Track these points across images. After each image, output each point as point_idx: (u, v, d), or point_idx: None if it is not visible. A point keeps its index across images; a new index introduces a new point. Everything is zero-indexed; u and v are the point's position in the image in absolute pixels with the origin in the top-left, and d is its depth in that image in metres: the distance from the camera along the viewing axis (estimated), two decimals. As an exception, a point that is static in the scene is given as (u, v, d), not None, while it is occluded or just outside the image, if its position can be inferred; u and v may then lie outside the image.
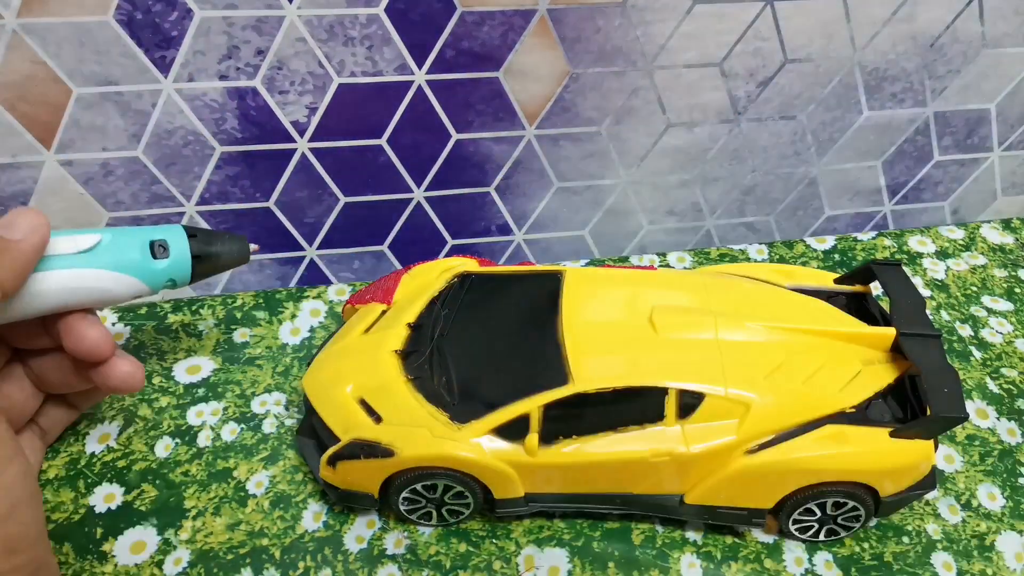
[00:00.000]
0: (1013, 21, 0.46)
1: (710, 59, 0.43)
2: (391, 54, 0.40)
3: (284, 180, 0.44)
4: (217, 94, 0.39)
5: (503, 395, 0.35)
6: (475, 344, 0.38)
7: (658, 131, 0.46)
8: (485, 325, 0.39)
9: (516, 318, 0.39)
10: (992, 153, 0.53)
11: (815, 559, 0.38)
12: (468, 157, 0.45)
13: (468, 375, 0.37)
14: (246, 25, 0.37)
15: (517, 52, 0.41)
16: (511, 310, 0.39)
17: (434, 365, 0.38)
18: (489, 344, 0.38)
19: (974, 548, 0.38)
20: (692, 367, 0.35)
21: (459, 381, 0.37)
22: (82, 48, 0.36)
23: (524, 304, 0.39)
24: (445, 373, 0.37)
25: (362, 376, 0.38)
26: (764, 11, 0.42)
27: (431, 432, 0.35)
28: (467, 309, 0.40)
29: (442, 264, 0.43)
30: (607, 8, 0.40)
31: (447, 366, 0.37)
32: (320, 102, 0.41)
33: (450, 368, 0.37)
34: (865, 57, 0.45)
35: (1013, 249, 0.55)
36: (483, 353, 0.38)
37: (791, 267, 0.43)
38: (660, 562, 0.37)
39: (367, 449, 0.35)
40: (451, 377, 0.37)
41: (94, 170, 0.41)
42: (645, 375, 0.35)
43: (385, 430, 0.35)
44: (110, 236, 0.33)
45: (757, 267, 0.44)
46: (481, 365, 0.37)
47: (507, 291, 0.41)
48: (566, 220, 0.50)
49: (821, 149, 0.50)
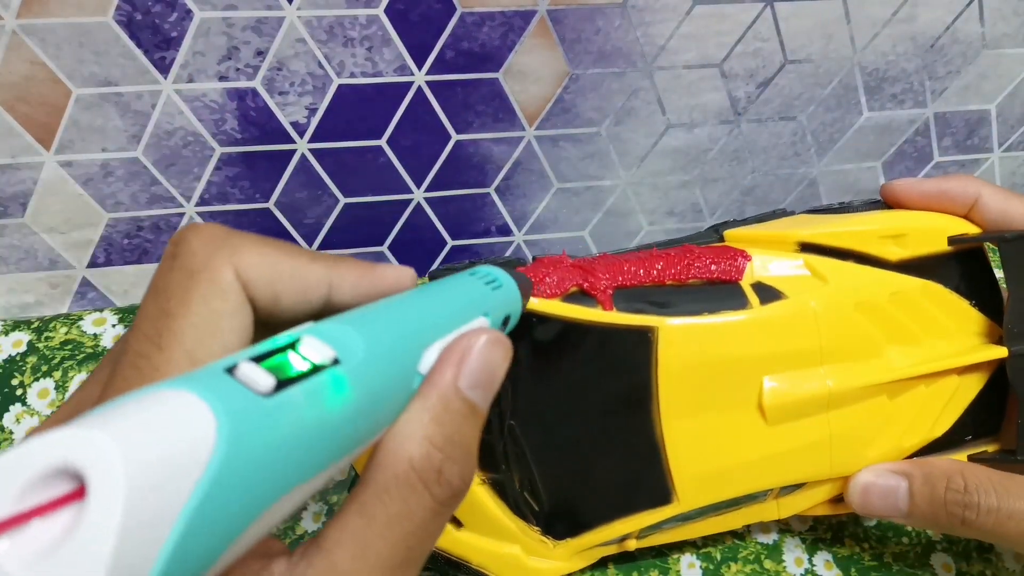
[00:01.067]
0: (1013, 22, 0.46)
1: (710, 60, 0.43)
2: (391, 55, 0.40)
3: (284, 181, 0.44)
4: (217, 95, 0.39)
5: (600, 508, 0.32)
6: (554, 430, 0.32)
7: (658, 132, 0.46)
8: (563, 400, 0.32)
9: (601, 394, 0.32)
10: (992, 154, 0.53)
11: (815, 559, 0.38)
12: (468, 158, 0.45)
13: (553, 474, 0.32)
14: (246, 26, 0.37)
15: (517, 53, 0.41)
16: (594, 381, 0.32)
17: (510, 459, 0.32)
18: (571, 430, 0.32)
19: (973, 549, 0.38)
20: (801, 461, 0.32)
21: (544, 483, 0.32)
22: (81, 49, 0.36)
23: (608, 373, 0.32)
24: (526, 472, 0.32)
25: None
26: (764, 12, 0.42)
27: (524, 550, 0.32)
28: (537, 375, 0.32)
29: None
30: (607, 9, 0.40)
31: (526, 461, 0.32)
32: (320, 103, 0.41)
33: (530, 464, 0.32)
34: (865, 58, 0.45)
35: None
36: (566, 444, 0.32)
37: (899, 221, 0.35)
38: (660, 562, 0.37)
39: (455, 564, 0.32)
40: (533, 477, 0.32)
41: (94, 171, 0.41)
42: (754, 483, 0.32)
43: (471, 544, 0.32)
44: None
45: (861, 231, 0.34)
46: (566, 461, 0.32)
47: (585, 349, 0.32)
48: (566, 221, 0.50)
49: (821, 150, 0.50)
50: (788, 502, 0.34)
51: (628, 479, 0.32)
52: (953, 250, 0.35)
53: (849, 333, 0.33)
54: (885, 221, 0.35)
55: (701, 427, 0.32)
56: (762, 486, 0.32)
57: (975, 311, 0.35)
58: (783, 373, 0.32)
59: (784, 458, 0.32)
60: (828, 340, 0.32)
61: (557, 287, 0.32)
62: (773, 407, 0.32)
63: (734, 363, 0.32)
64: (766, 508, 0.34)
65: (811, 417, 0.32)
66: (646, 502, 0.32)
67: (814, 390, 0.32)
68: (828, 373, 0.32)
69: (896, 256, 0.34)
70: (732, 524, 0.34)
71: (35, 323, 0.44)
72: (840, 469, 0.33)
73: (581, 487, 0.32)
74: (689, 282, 0.34)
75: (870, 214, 0.35)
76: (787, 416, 0.32)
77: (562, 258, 0.34)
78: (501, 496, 0.32)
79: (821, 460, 0.32)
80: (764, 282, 0.34)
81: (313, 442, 0.15)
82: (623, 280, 0.33)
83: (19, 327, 0.46)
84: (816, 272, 0.34)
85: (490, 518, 0.32)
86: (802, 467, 0.32)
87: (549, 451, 0.32)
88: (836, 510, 0.35)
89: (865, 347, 0.33)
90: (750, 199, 0.52)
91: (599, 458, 0.32)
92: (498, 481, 0.32)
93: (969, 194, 0.35)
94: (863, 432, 0.33)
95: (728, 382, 0.32)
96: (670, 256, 0.34)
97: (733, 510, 0.33)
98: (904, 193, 0.36)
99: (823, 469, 0.32)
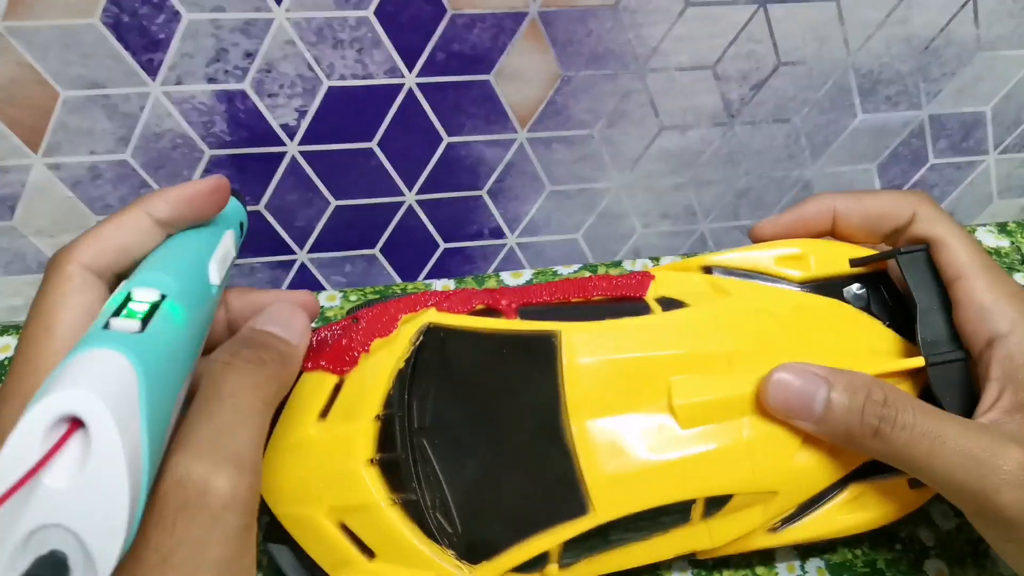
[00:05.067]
0: (1008, 24, 0.45)
1: (703, 62, 0.43)
2: (381, 57, 0.39)
3: (274, 184, 0.44)
4: (206, 97, 0.39)
5: (515, 526, 0.31)
6: (465, 445, 0.32)
7: (651, 134, 0.46)
8: (471, 414, 0.32)
9: (509, 404, 0.32)
10: (988, 156, 0.53)
11: (807, 566, 0.37)
12: (460, 160, 0.45)
13: (465, 493, 0.31)
14: (234, 28, 0.37)
15: (508, 55, 0.40)
16: (500, 390, 0.32)
17: (421, 479, 0.31)
18: (482, 444, 0.32)
19: (967, 555, 0.38)
20: (720, 467, 0.31)
21: (456, 503, 0.31)
22: (68, 51, 0.36)
23: (516, 381, 0.32)
24: (438, 491, 0.31)
25: (334, 492, 0.31)
26: (757, 14, 0.41)
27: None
28: (444, 388, 0.32)
29: (400, 306, 0.34)
30: (599, 11, 0.40)
31: (437, 480, 0.31)
32: (310, 105, 0.41)
33: (442, 483, 0.31)
34: (859, 60, 0.45)
35: (1008, 252, 0.55)
36: (476, 459, 0.31)
37: (798, 249, 0.36)
38: (651, 570, 0.37)
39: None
40: (445, 497, 0.31)
41: (82, 173, 0.41)
42: (673, 491, 0.31)
43: (381, 574, 0.30)
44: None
45: (758, 253, 0.36)
46: (478, 477, 0.31)
47: (491, 359, 0.33)
48: (559, 223, 0.50)
49: (815, 152, 0.49)
50: (718, 526, 0.32)
51: (542, 491, 0.31)
52: (859, 273, 0.36)
53: (756, 339, 0.33)
54: (783, 245, 0.36)
55: (613, 431, 0.31)
56: (682, 494, 0.31)
57: (890, 331, 0.35)
58: (692, 375, 0.32)
59: (702, 463, 0.31)
60: (735, 344, 0.32)
61: (463, 305, 0.34)
62: (683, 407, 0.31)
63: (640, 364, 0.32)
64: (696, 533, 0.32)
65: (726, 421, 0.32)
66: (562, 514, 0.30)
67: (725, 392, 0.32)
68: (740, 378, 0.32)
69: (798, 277, 0.35)
70: (662, 554, 0.32)
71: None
72: (764, 482, 0.32)
73: (495, 505, 0.31)
74: (594, 298, 0.35)
75: (772, 242, 0.37)
76: (700, 418, 0.31)
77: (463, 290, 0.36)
78: (415, 519, 0.31)
79: (742, 469, 0.31)
80: (668, 296, 0.35)
81: (179, 346, 0.23)
82: (528, 299, 0.35)
83: (7, 331, 0.46)
84: (719, 288, 0.35)
85: (401, 544, 0.30)
86: (722, 475, 0.31)
87: (461, 468, 0.31)
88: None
89: (775, 352, 0.32)
90: (744, 201, 0.51)
91: (512, 472, 0.31)
92: (411, 502, 0.31)
93: (824, 208, 0.37)
94: (786, 443, 0.32)
95: (636, 384, 0.32)
96: (575, 280, 0.36)
97: (660, 534, 0.32)
98: (770, 230, 0.38)
99: (745, 479, 0.31)
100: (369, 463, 0.31)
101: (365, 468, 0.31)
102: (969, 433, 0.29)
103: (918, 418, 0.30)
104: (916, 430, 0.29)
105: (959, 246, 0.33)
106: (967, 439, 0.29)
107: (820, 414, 0.31)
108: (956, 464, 0.29)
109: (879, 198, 0.36)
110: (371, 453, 0.31)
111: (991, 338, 0.32)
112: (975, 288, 0.32)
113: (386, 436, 0.31)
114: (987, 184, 0.55)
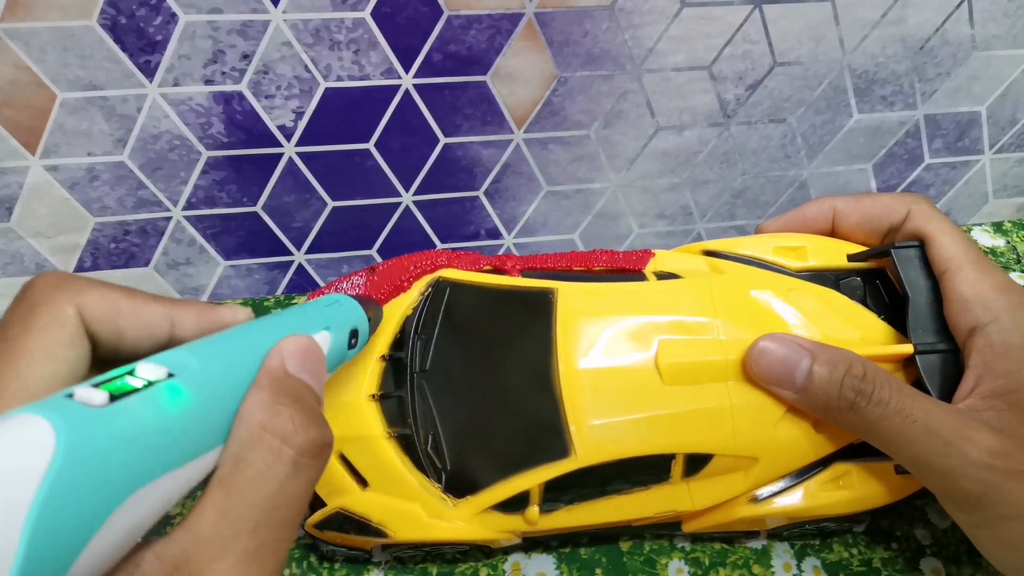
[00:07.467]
0: (1003, 23, 0.45)
1: (699, 62, 0.43)
2: (377, 58, 0.39)
3: (271, 185, 0.44)
4: (203, 98, 0.39)
5: (499, 464, 0.32)
6: (461, 388, 0.34)
7: (647, 134, 0.46)
8: (469, 360, 0.34)
9: (505, 353, 0.34)
10: (983, 156, 0.53)
11: (803, 565, 0.37)
12: (456, 161, 0.45)
13: (457, 432, 0.33)
14: (231, 29, 0.37)
15: (504, 56, 0.41)
16: (498, 340, 0.34)
17: (417, 416, 0.33)
18: (477, 388, 0.34)
19: (963, 553, 0.38)
20: (701, 426, 0.32)
21: (448, 441, 0.33)
22: (66, 53, 0.36)
23: (512, 332, 0.34)
24: (431, 428, 0.33)
25: (337, 423, 0.31)
26: (753, 14, 0.41)
27: (424, 509, 0.32)
28: (446, 336, 0.35)
29: (414, 260, 0.37)
30: (595, 11, 0.40)
31: (432, 418, 0.33)
32: (307, 106, 0.41)
33: (436, 421, 0.33)
34: (854, 60, 0.45)
35: (1004, 252, 0.55)
36: (471, 402, 0.33)
37: (798, 242, 0.38)
38: (648, 568, 0.37)
39: (357, 526, 0.33)
40: (438, 435, 0.33)
41: (79, 175, 0.41)
42: (653, 442, 0.32)
43: (374, 502, 0.32)
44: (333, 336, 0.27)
45: (764, 242, 0.38)
46: (470, 418, 0.33)
47: (491, 311, 0.35)
48: (556, 224, 0.50)
49: (811, 152, 0.49)
50: (699, 489, 0.33)
51: (528, 434, 0.32)
52: (857, 268, 0.37)
53: (746, 313, 0.34)
54: (784, 237, 0.38)
55: (599, 382, 0.32)
56: (662, 447, 0.32)
57: (883, 323, 0.35)
58: (679, 337, 0.33)
59: (684, 420, 0.32)
60: (725, 315, 0.34)
61: (472, 264, 0.37)
62: (667, 366, 0.32)
63: (630, 323, 0.33)
64: (677, 492, 0.33)
65: (710, 384, 0.32)
66: (544, 456, 0.32)
67: (711, 356, 0.33)
68: (727, 345, 0.33)
69: (796, 267, 0.37)
70: (643, 510, 0.33)
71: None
72: (745, 447, 0.32)
73: (483, 444, 0.33)
74: (595, 269, 0.37)
75: (774, 234, 0.39)
76: (684, 378, 0.32)
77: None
78: (408, 453, 0.33)
79: (723, 430, 0.32)
80: (666, 271, 0.37)
81: (156, 440, 0.17)
82: (532, 264, 0.37)
83: (6, 332, 0.46)
84: (716, 268, 0.37)
85: (393, 474, 0.32)
86: (703, 434, 0.32)
87: (454, 409, 0.33)
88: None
89: (764, 327, 0.33)
90: (740, 201, 0.51)
91: (502, 415, 0.33)
92: (405, 436, 0.33)
93: (825, 208, 0.38)
94: (768, 411, 0.32)
95: (625, 340, 0.33)
96: (579, 252, 0.38)
97: (640, 490, 0.33)
98: (772, 229, 0.39)
99: (725, 441, 0.32)
100: (371, 398, 0.34)
101: (367, 402, 0.33)
102: (940, 415, 0.30)
103: (893, 396, 0.30)
104: (890, 407, 0.30)
105: (948, 241, 0.34)
106: (937, 420, 0.29)
107: (801, 384, 0.31)
108: (924, 444, 0.29)
109: (877, 198, 0.38)
110: (374, 389, 0.34)
111: (973, 328, 0.32)
112: (961, 280, 0.33)
113: (389, 375, 0.34)
114: (983, 184, 0.55)
